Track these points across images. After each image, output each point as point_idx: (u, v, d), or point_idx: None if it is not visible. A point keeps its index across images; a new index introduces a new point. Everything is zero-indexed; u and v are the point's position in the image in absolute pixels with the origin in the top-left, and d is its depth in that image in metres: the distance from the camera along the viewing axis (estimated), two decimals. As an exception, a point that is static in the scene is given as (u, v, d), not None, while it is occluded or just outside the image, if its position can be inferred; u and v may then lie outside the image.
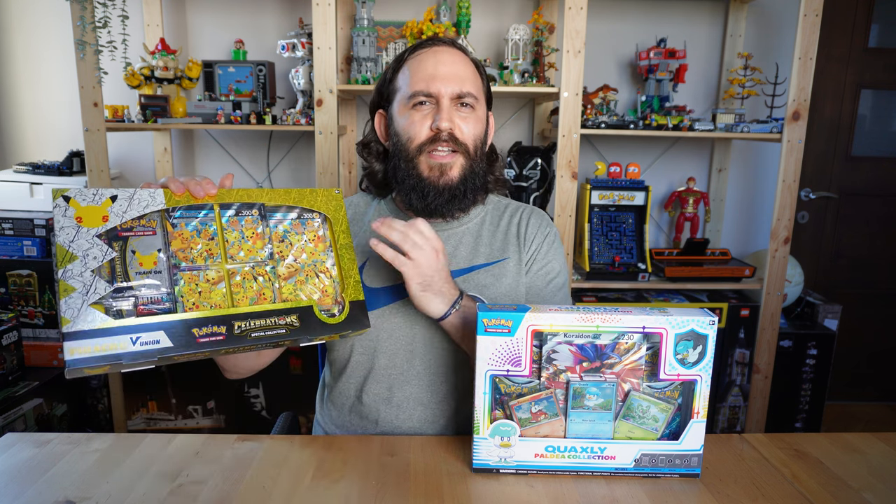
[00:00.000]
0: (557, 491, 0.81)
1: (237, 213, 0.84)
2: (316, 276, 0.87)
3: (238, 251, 0.83)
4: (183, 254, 0.79)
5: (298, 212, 0.88)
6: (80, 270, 0.73)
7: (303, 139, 2.34)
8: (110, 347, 0.71)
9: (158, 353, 0.73)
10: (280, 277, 0.84)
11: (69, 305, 0.71)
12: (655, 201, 2.48)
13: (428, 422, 1.04)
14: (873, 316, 2.69)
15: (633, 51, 2.32)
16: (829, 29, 2.39)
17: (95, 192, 0.76)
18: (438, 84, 1.02)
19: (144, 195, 0.79)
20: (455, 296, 0.95)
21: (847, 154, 2.58)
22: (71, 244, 0.73)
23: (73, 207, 0.74)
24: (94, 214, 0.75)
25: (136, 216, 0.77)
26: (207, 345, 0.75)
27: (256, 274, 0.83)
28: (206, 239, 0.81)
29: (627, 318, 0.80)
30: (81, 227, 0.74)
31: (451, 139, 1.03)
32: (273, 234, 0.86)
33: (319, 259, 0.88)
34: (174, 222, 0.80)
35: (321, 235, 0.89)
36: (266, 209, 0.86)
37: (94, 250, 0.74)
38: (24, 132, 2.32)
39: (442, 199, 1.04)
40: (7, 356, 1.89)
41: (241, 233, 0.84)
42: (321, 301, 0.86)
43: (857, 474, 0.87)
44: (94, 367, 0.70)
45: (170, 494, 0.79)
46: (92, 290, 0.72)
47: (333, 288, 0.88)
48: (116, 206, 0.76)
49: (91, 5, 1.80)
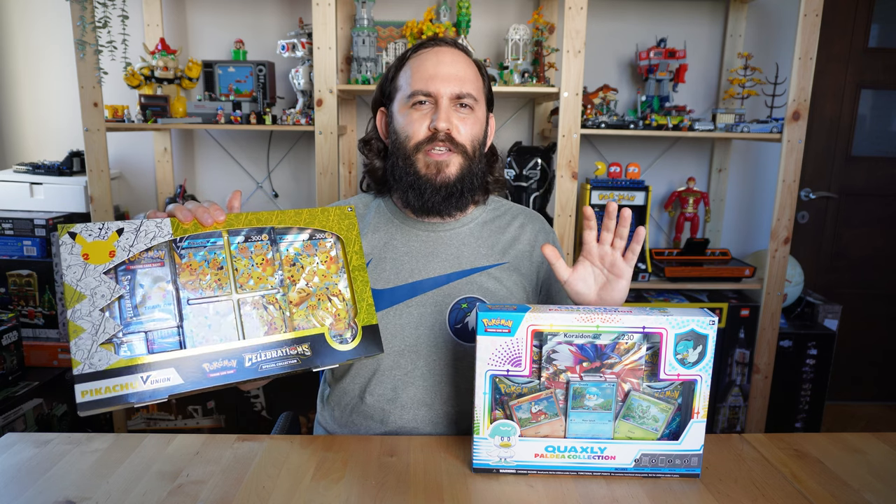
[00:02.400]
0: (557, 491, 0.81)
1: (246, 238, 0.83)
2: (328, 299, 0.86)
3: (248, 279, 0.82)
4: (192, 285, 0.79)
5: (310, 233, 0.87)
6: (89, 310, 0.72)
7: (303, 139, 2.34)
8: (121, 388, 0.71)
9: (168, 390, 0.73)
10: (291, 304, 0.83)
11: (79, 347, 0.71)
12: (655, 201, 2.48)
13: (432, 422, 1.04)
14: (873, 316, 2.68)
15: (633, 51, 2.32)
16: (829, 29, 2.39)
17: (101, 227, 0.75)
18: (438, 84, 1.03)
19: (151, 226, 0.78)
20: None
21: (847, 154, 2.58)
22: (78, 283, 0.73)
23: (79, 244, 0.74)
24: (101, 250, 0.75)
25: (143, 248, 0.77)
26: (218, 379, 0.75)
27: (267, 303, 0.82)
28: (214, 269, 0.80)
29: (627, 318, 0.80)
30: (88, 265, 0.74)
31: (448, 139, 1.03)
32: (284, 259, 0.84)
33: (332, 281, 0.87)
34: (182, 252, 0.79)
35: (334, 256, 0.88)
36: (276, 232, 0.85)
37: (101, 288, 0.74)
38: (24, 132, 2.32)
39: (439, 197, 1.05)
40: (7, 356, 1.89)
41: (250, 260, 0.82)
42: (334, 326, 0.85)
43: (857, 474, 0.87)
44: (105, 407, 0.71)
45: (170, 494, 0.79)
46: (101, 329, 0.72)
47: (346, 312, 0.86)
48: (123, 239, 0.76)
49: (91, 5, 1.80)
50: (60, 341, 2.07)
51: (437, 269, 1.07)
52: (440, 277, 1.07)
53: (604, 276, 0.95)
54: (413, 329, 1.04)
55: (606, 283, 0.95)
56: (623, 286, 0.94)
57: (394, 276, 1.06)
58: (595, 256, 0.94)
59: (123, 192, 2.36)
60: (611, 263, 0.94)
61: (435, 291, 1.06)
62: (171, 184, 2.31)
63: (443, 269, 1.07)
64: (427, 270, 1.07)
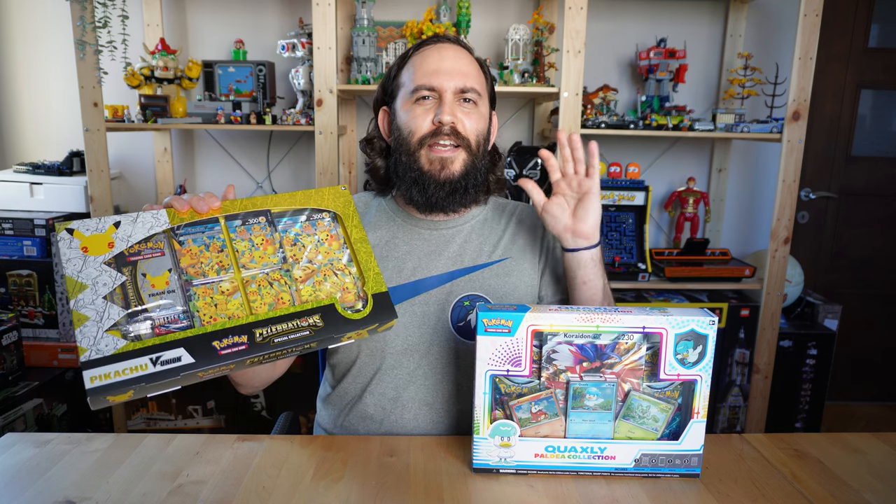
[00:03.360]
0: (557, 491, 0.81)
1: (244, 222, 0.83)
2: (334, 274, 0.84)
3: (250, 259, 0.81)
4: (194, 269, 0.78)
5: (307, 213, 0.86)
6: (92, 298, 0.71)
7: (303, 139, 2.34)
8: (131, 371, 0.69)
9: (181, 370, 0.70)
10: (297, 281, 0.82)
11: (84, 334, 0.69)
12: (655, 201, 2.48)
13: (433, 422, 1.04)
14: (873, 316, 2.68)
15: (633, 51, 2.32)
16: (829, 29, 2.39)
17: (99, 221, 0.75)
18: (441, 78, 1.03)
19: (148, 217, 0.78)
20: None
21: (847, 154, 2.58)
22: (79, 274, 0.72)
23: (77, 238, 0.73)
24: (100, 242, 0.74)
25: (141, 239, 0.76)
26: (230, 356, 0.73)
27: (271, 279, 0.81)
28: (215, 252, 0.80)
29: (627, 318, 0.80)
30: (88, 257, 0.73)
31: (453, 133, 1.03)
32: (284, 239, 0.84)
33: (335, 257, 0.85)
34: (181, 240, 0.79)
35: (334, 234, 0.87)
36: (273, 215, 0.84)
37: (103, 277, 0.73)
38: (24, 132, 2.32)
39: (443, 193, 1.04)
40: (7, 356, 1.89)
41: (250, 241, 0.82)
42: (343, 298, 0.83)
43: (857, 474, 0.87)
44: (116, 393, 0.68)
45: (170, 494, 0.79)
46: (105, 316, 0.71)
47: (354, 284, 0.84)
48: (121, 231, 0.76)
49: (91, 5, 1.80)
50: (60, 341, 2.06)
51: (440, 267, 1.07)
52: (442, 276, 1.07)
53: (574, 196, 1.01)
54: (416, 328, 1.04)
55: (578, 202, 1.00)
56: (595, 204, 0.99)
57: (396, 274, 1.06)
58: (563, 187, 1.01)
59: (123, 192, 2.36)
60: (578, 185, 0.99)
61: (437, 290, 1.06)
62: (171, 184, 2.31)
63: (445, 268, 1.07)
64: (429, 269, 1.07)
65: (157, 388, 0.71)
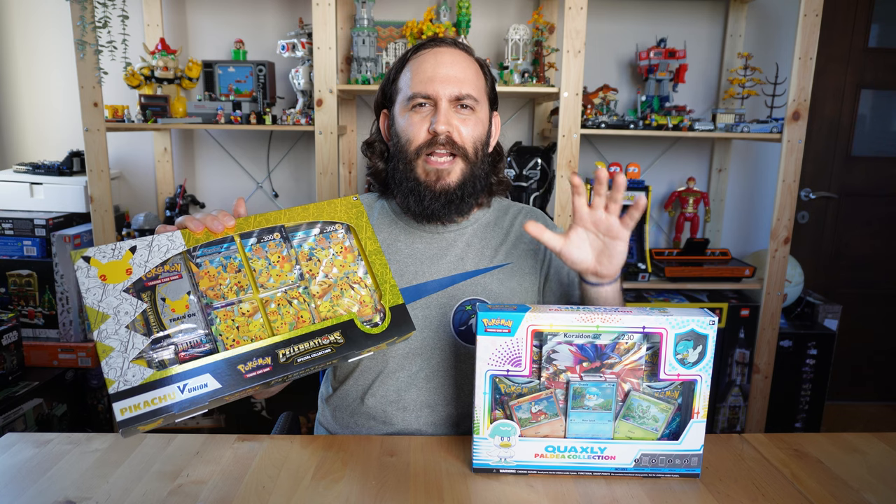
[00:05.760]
0: (557, 491, 0.81)
1: (259, 239, 0.83)
2: (350, 287, 0.85)
3: (267, 278, 0.81)
4: (213, 291, 0.78)
5: (321, 226, 0.87)
6: (115, 329, 0.72)
7: (303, 139, 2.34)
8: (160, 400, 0.70)
9: (208, 396, 0.71)
10: (315, 297, 0.82)
11: (111, 366, 0.70)
12: (655, 201, 2.48)
13: (433, 424, 1.04)
14: (873, 316, 2.68)
15: (633, 51, 2.32)
16: (829, 29, 2.39)
17: (114, 248, 0.75)
18: (437, 86, 1.02)
19: (163, 240, 0.78)
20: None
21: (847, 154, 2.58)
22: (100, 304, 0.72)
23: (94, 266, 0.74)
24: (117, 269, 0.75)
25: (158, 263, 0.77)
26: (256, 379, 0.74)
27: (290, 298, 0.81)
28: (233, 272, 0.80)
29: (627, 318, 0.80)
30: (107, 285, 0.73)
31: (449, 142, 1.02)
32: (299, 255, 0.84)
33: (351, 270, 0.86)
34: (198, 262, 0.79)
35: (348, 246, 0.87)
36: (287, 230, 0.85)
37: (124, 305, 0.73)
38: (24, 132, 2.32)
39: (438, 204, 1.04)
40: (7, 356, 1.89)
41: (266, 259, 0.82)
42: (361, 312, 0.84)
43: (857, 474, 0.87)
44: (146, 423, 0.69)
45: (170, 494, 0.79)
46: (130, 346, 0.72)
47: (371, 297, 0.85)
48: (137, 256, 0.76)
49: (91, 5, 1.80)
50: (60, 341, 2.07)
51: (441, 271, 1.07)
52: (444, 279, 1.06)
53: (600, 241, 0.93)
54: (418, 332, 1.04)
55: (604, 248, 0.93)
56: (622, 249, 0.92)
57: (398, 278, 1.06)
58: (587, 221, 0.92)
59: (123, 192, 2.36)
60: (606, 228, 0.91)
61: (439, 294, 1.05)
62: (171, 184, 2.31)
63: (447, 272, 1.07)
64: (431, 273, 1.07)
65: (185, 414, 0.72)
